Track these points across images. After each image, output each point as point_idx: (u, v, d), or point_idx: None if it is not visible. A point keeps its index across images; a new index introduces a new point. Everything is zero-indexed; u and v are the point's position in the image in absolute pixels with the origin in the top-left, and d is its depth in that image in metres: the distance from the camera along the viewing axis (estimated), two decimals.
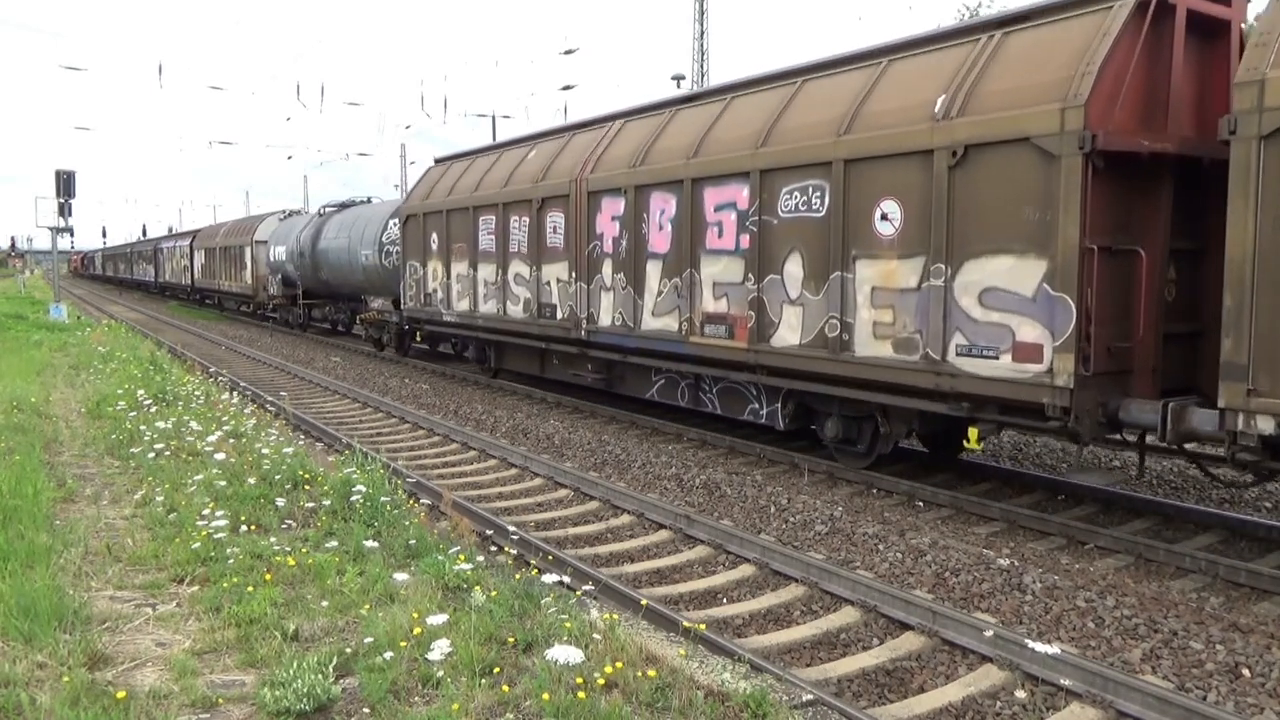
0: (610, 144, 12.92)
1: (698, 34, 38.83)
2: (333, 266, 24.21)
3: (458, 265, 16.51)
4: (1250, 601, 6.40)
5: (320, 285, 26.32)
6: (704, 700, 4.01)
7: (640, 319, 11.85)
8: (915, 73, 8.76)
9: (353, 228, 22.80)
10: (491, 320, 15.54)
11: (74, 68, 33.01)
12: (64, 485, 7.56)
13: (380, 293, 21.59)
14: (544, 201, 13.82)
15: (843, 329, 8.97)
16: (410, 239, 18.60)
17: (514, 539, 7.61)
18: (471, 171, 16.70)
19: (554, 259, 13.67)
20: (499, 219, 15.01)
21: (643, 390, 12.73)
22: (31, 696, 3.89)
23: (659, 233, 11.50)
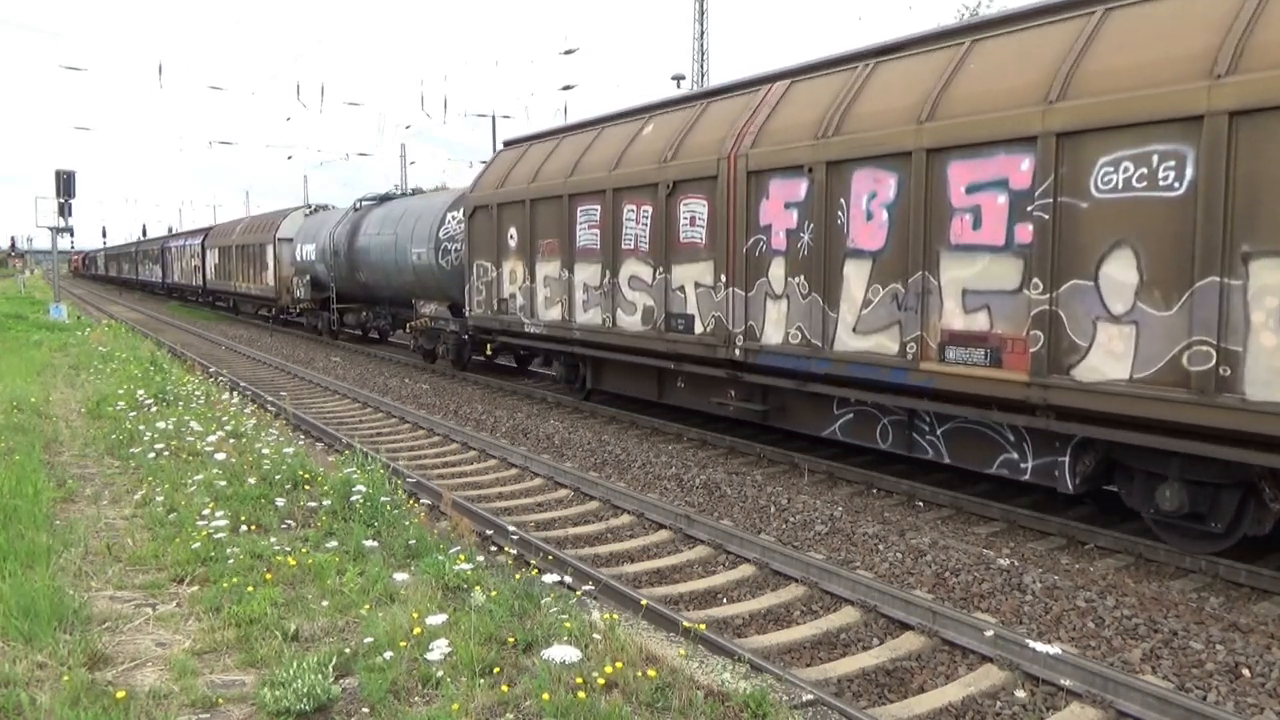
0: (775, 111, 10.12)
1: (698, 34, 38.84)
2: (373, 267, 21.45)
3: (545, 266, 13.87)
4: (1250, 601, 6.40)
5: (356, 288, 23.50)
6: (704, 700, 4.01)
7: (833, 336, 9.10)
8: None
9: (400, 223, 19.99)
10: (593, 332, 12.82)
11: (74, 68, 32.94)
12: (64, 485, 7.56)
13: (433, 297, 19.11)
14: (675, 186, 11.10)
15: (1220, 360, 6.23)
16: (478, 235, 15.85)
17: (514, 539, 7.61)
18: (561, 153, 13.96)
19: (690, 258, 10.98)
20: (606, 209, 12.29)
21: (819, 425, 10.09)
22: (31, 696, 3.89)
23: (866, 224, 8.74)
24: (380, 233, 20.97)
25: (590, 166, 12.85)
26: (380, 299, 23.06)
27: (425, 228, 18.64)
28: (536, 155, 14.69)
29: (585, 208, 12.88)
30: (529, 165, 14.67)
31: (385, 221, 21.02)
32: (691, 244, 11.00)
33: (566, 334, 13.47)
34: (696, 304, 10.96)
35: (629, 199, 12.00)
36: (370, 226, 21.82)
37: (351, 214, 23.72)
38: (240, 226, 36.00)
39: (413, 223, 19.35)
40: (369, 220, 22.15)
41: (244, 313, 37.54)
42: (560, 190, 13.37)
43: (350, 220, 23.38)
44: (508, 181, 15.07)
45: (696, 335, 10.90)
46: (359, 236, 22.31)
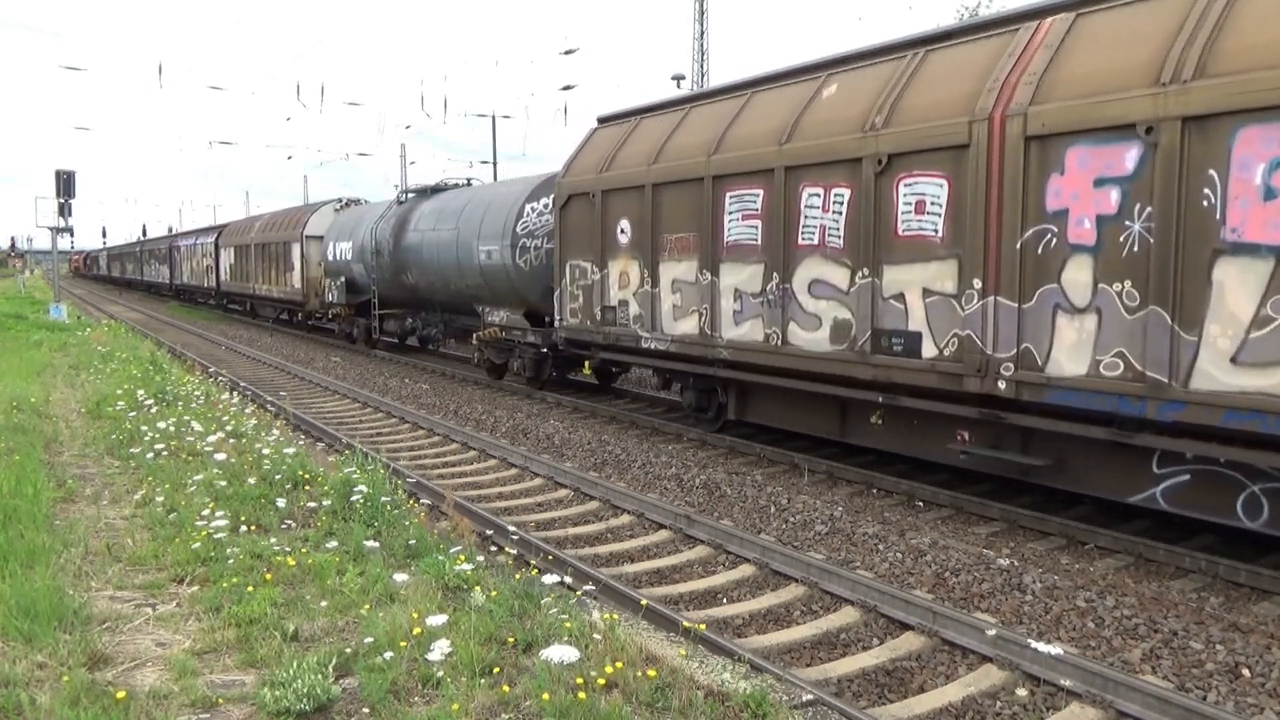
0: (1061, 52, 7.49)
1: (698, 34, 38.84)
2: (425, 267, 18.70)
3: (674, 266, 11.24)
4: (1250, 601, 6.40)
5: (402, 291, 20.53)
6: (704, 700, 4.01)
7: (1188, 369, 6.45)
8: None
9: (462, 216, 17.28)
10: (749, 351, 10.12)
11: (74, 68, 32.91)
12: (64, 485, 7.56)
13: (505, 303, 16.25)
14: (890, 161, 8.39)
15: None
16: (574, 229, 13.20)
17: (514, 539, 7.61)
18: (691, 127, 11.38)
19: (915, 256, 8.26)
20: (775, 194, 9.60)
21: (1124, 488, 7.40)
22: (31, 696, 3.89)
23: (1263, 205, 6.06)
24: (435, 228, 18.23)
25: (743, 140, 10.21)
26: (431, 304, 19.92)
27: (497, 222, 15.86)
28: (654, 131, 12.00)
29: (738, 193, 10.16)
30: (645, 143, 11.99)
31: (441, 215, 18.26)
32: (918, 238, 8.19)
33: (706, 352, 10.73)
34: (926, 318, 8.16)
35: (811, 180, 9.25)
36: (421, 221, 19.11)
37: (396, 207, 20.93)
38: (260, 223, 32.70)
39: (479, 216, 16.58)
40: (419, 214, 19.46)
41: (263, 317, 34.34)
42: (698, 171, 10.67)
43: (396, 215, 20.51)
44: (614, 164, 12.33)
45: (927, 360, 8.16)
46: (407, 233, 19.56)
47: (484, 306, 17.15)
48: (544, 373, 15.74)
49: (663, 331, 11.53)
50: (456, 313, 19.10)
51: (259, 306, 34.08)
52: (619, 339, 12.41)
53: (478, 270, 16.53)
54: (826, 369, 9.27)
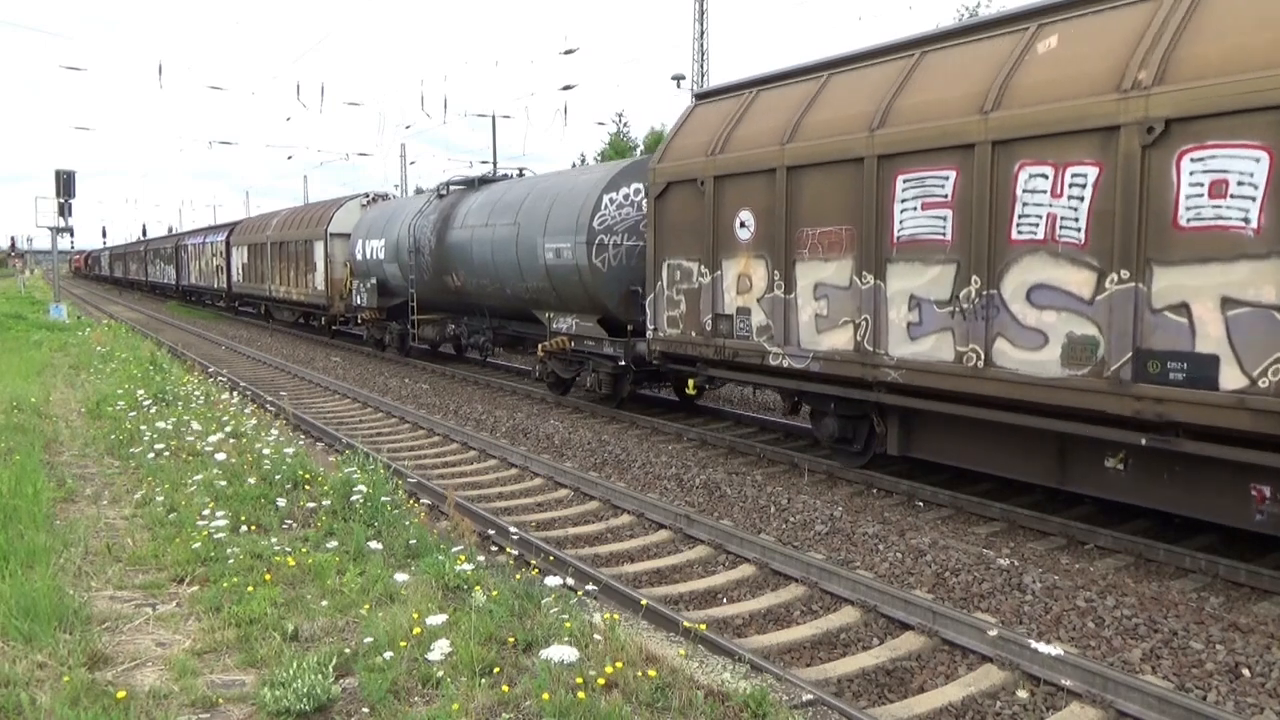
0: None
1: (698, 34, 38.85)
2: (474, 268, 16.60)
3: (817, 267, 9.25)
4: (1250, 601, 6.40)
5: (445, 295, 18.37)
6: (704, 700, 4.01)
7: None
8: None
9: (524, 210, 15.15)
10: (932, 372, 8.15)
11: (74, 68, 32.86)
12: (64, 485, 7.56)
13: (575, 308, 14.14)
14: (1168, 129, 6.52)
15: None
16: (672, 223, 11.19)
17: (514, 539, 7.61)
18: (833, 99, 9.39)
19: (1209, 254, 6.33)
20: (975, 175, 7.69)
21: None
22: (31, 696, 3.89)
23: None
24: (489, 223, 16.14)
25: (921, 111, 8.28)
26: (478, 309, 17.87)
27: (568, 215, 13.70)
28: (781, 104, 10.04)
29: (917, 175, 8.24)
30: (771, 118, 10.01)
31: (496, 209, 16.16)
32: (1214, 230, 6.28)
33: (864, 373, 8.79)
34: (1228, 337, 6.22)
35: (1032, 156, 7.38)
36: (470, 216, 17.02)
37: (437, 201, 18.90)
38: (277, 220, 30.25)
39: (545, 209, 14.48)
40: (467, 208, 17.34)
41: (279, 321, 31.92)
42: (855, 150, 8.72)
43: (438, 209, 18.47)
44: (729, 144, 10.38)
45: (1230, 393, 6.20)
46: (452, 229, 17.44)
47: (548, 313, 14.92)
48: (621, 389, 13.64)
49: (799, 346, 9.49)
50: (509, 318, 17.04)
51: (275, 309, 31.66)
52: (737, 354, 10.31)
53: (542, 271, 14.36)
54: (1054, 399, 7.24)
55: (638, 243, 13.06)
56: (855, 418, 9.69)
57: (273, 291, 29.77)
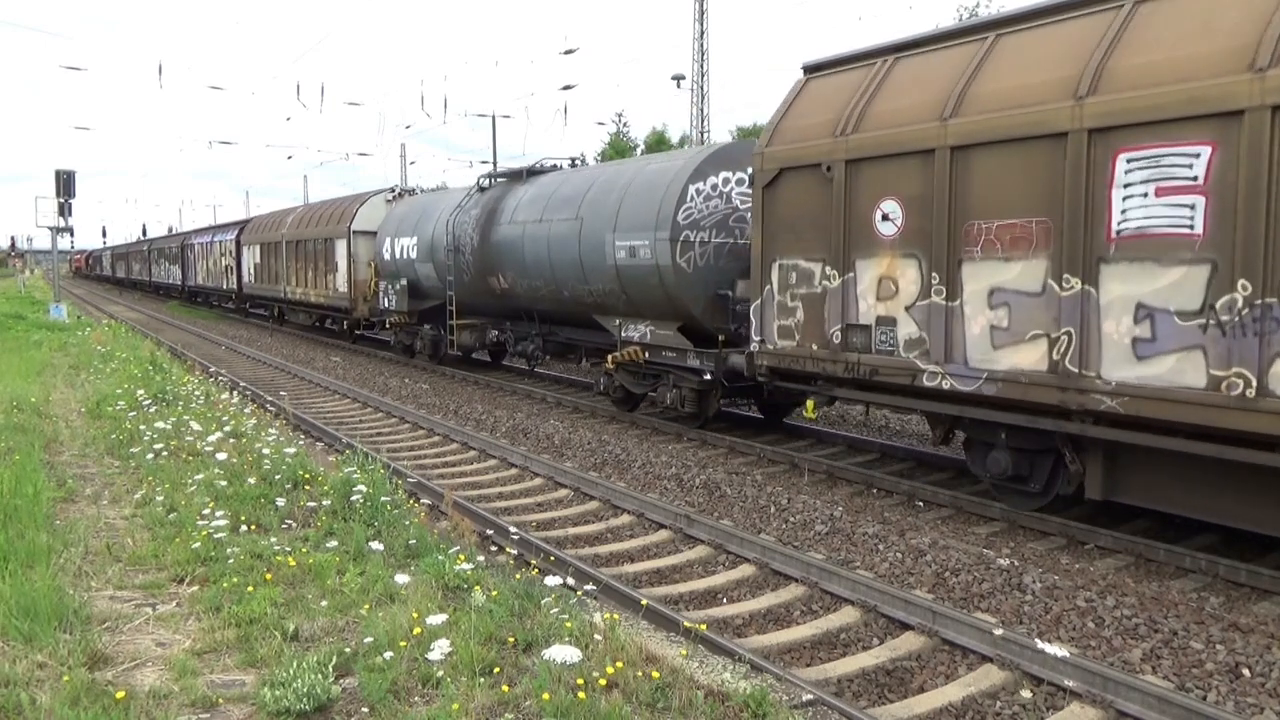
0: None
1: (698, 34, 38.84)
2: (528, 268, 14.84)
3: (993, 268, 7.66)
4: (1250, 601, 6.40)
5: (489, 298, 16.69)
6: (704, 700, 4.01)
7: None
8: None
9: (588, 203, 13.43)
10: (1173, 401, 6.52)
11: (74, 68, 32.83)
12: (64, 485, 7.56)
13: (651, 313, 12.48)
14: None
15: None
16: (787, 216, 9.48)
17: (514, 539, 7.61)
18: (1005, 64, 7.88)
19: None
20: (1240, 151, 6.17)
21: None
22: (31, 696, 3.89)
23: None
24: (543, 218, 14.45)
25: (1150, 72, 6.69)
26: (527, 313, 16.15)
27: (645, 209, 12.06)
28: (928, 74, 8.54)
29: (1149, 153, 6.65)
30: (919, 91, 8.48)
31: (552, 203, 14.43)
32: None
33: (1063, 399, 7.19)
34: None
35: None
36: (519, 210, 15.30)
37: (478, 195, 17.21)
38: (293, 218, 28.63)
39: (615, 202, 12.81)
40: (515, 201, 15.63)
41: (293, 324, 30.43)
42: (1057, 123, 7.15)
43: (480, 204, 16.75)
44: (863, 123, 8.73)
45: None
46: (498, 225, 15.73)
47: (616, 319, 13.17)
48: (708, 408, 12.03)
49: (965, 364, 7.89)
50: (563, 324, 15.35)
51: (290, 312, 29.96)
52: (875, 372, 8.59)
53: (611, 272, 12.67)
54: None
55: (726, 240, 11.64)
56: (1035, 451, 8.02)
57: (288, 293, 27.97)
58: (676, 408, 12.25)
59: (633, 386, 13.24)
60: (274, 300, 30.49)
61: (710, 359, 11.43)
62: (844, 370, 8.96)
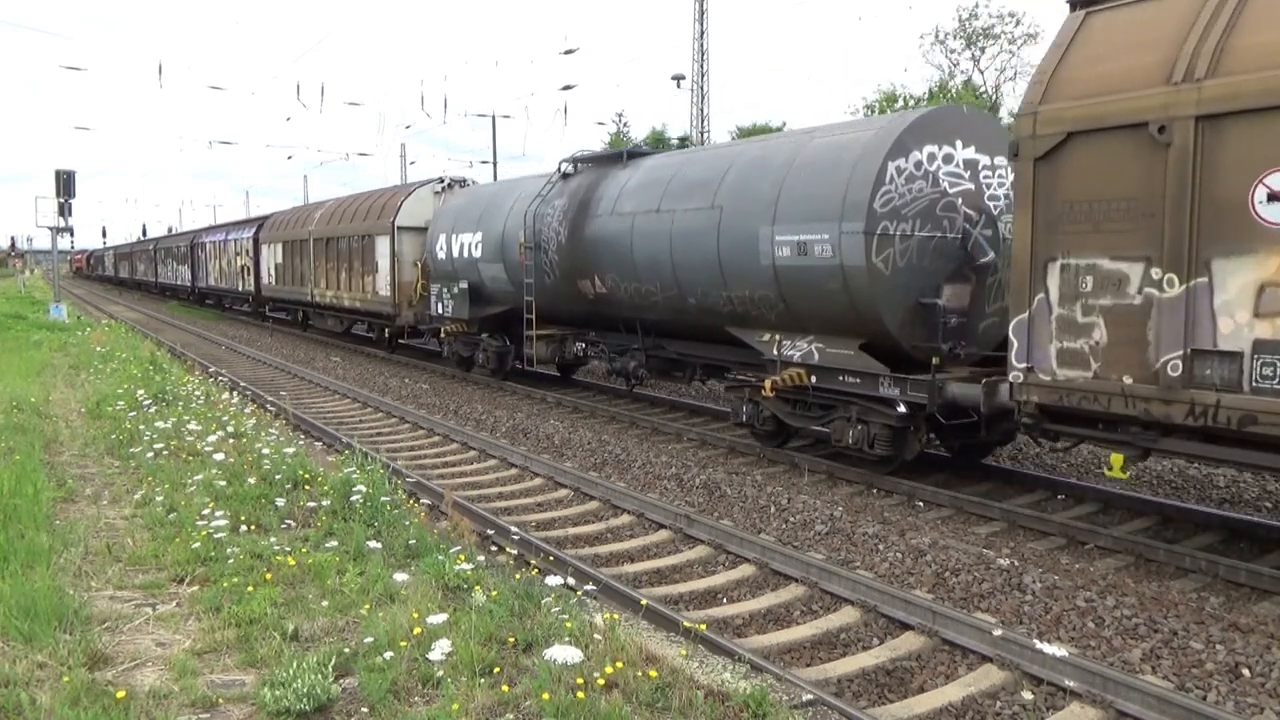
0: None
1: (698, 34, 38.84)
2: (638, 268, 12.21)
3: None
4: (1250, 601, 6.40)
5: (576, 304, 14.07)
6: (704, 700, 4.01)
7: None
8: None
9: (727, 187, 10.82)
10: None
11: (74, 68, 32.82)
12: (64, 485, 7.56)
13: (818, 326, 9.98)
14: None
15: None
16: (1073, 198, 6.97)
17: (514, 539, 7.61)
18: None
19: None
20: None
21: None
22: (31, 696, 3.89)
23: None
24: (661, 208, 11.76)
25: None
26: (628, 322, 13.30)
27: (824, 193, 9.50)
28: None
29: None
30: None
31: (673, 188, 11.73)
32: None
33: None
34: None
35: None
36: (624, 199, 12.63)
37: (561, 182, 14.59)
38: (322, 213, 25.81)
39: (772, 186, 10.14)
40: (616, 189, 12.97)
41: (323, 331, 27.47)
42: None
43: (568, 192, 14.09)
44: (1224, 62, 6.17)
45: None
46: (593, 218, 13.17)
47: (764, 333, 10.65)
48: (906, 449, 9.49)
49: None
50: (677, 337, 12.66)
51: (317, 317, 27.04)
52: (1253, 420, 6.03)
53: (766, 275, 10.09)
54: None
55: (933, 234, 9.24)
56: None
57: (316, 296, 25.21)
58: (861, 448, 9.54)
59: (790, 418, 10.42)
60: (298, 304, 28.02)
61: (916, 388, 8.90)
62: (1186, 415, 6.36)
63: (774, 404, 10.55)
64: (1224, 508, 8.51)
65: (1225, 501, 8.86)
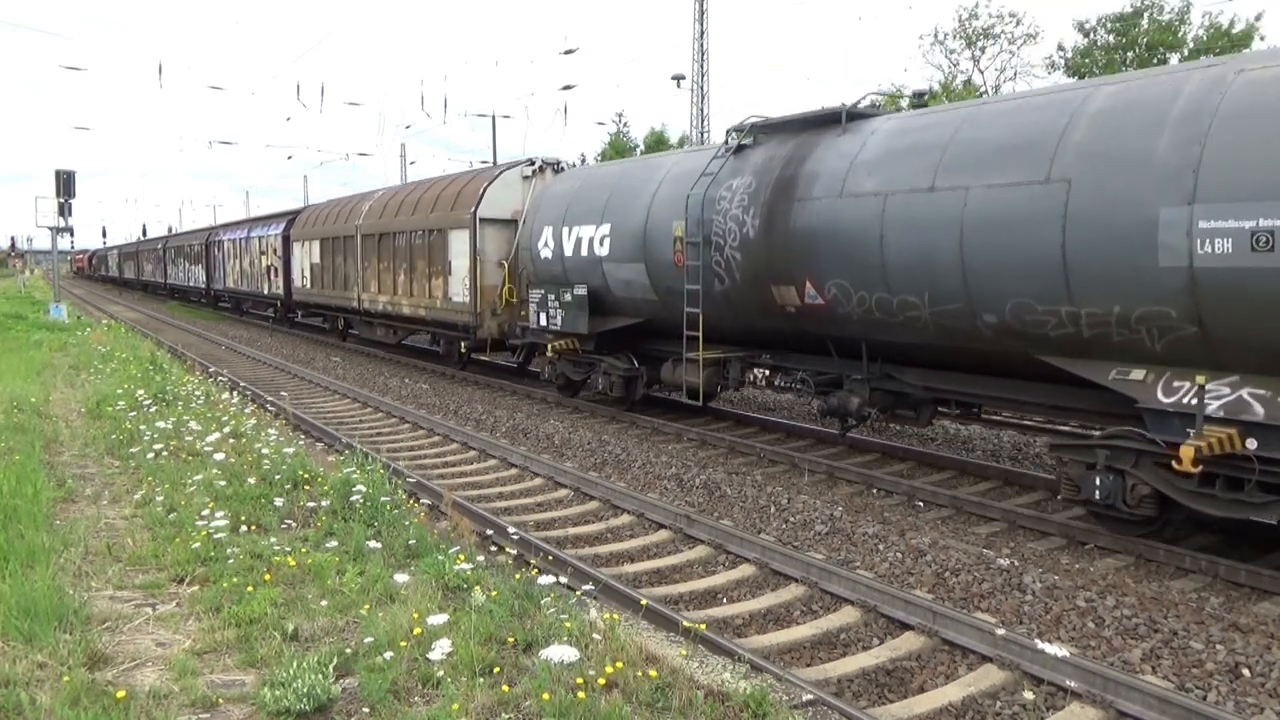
0: None
1: (698, 34, 38.84)
2: (892, 272, 8.75)
3: None
4: (1250, 601, 6.40)
5: (762, 317, 10.67)
6: (704, 700, 4.01)
7: None
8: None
9: (1082, 150, 7.32)
10: None
11: (74, 68, 32.83)
12: (64, 485, 7.56)
13: (1263, 364, 6.52)
14: None
15: None
16: None
17: (514, 539, 7.61)
18: None
19: None
20: None
21: None
22: (31, 696, 3.89)
23: None
24: (939, 184, 8.35)
25: None
26: (848, 344, 10.00)
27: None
28: None
29: None
30: None
31: (957, 155, 8.38)
32: None
33: None
34: None
35: None
36: (860, 175, 9.21)
37: (733, 159, 10.98)
38: (373, 205, 22.33)
39: (1189, 142, 6.68)
40: (837, 162, 9.56)
41: (363, 341, 24.01)
42: None
43: (751, 169, 10.60)
44: None
45: None
46: (802, 201, 9.67)
47: (1140, 369, 7.27)
48: None
49: None
50: (934, 365, 9.32)
51: (363, 325, 23.10)
52: None
53: (1174, 281, 6.73)
54: None
55: None
56: None
57: (364, 302, 21.91)
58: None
59: (1198, 503, 6.89)
60: (339, 310, 24.43)
61: None
62: None
63: (1163, 480, 7.04)
64: None
65: None
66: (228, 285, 35.72)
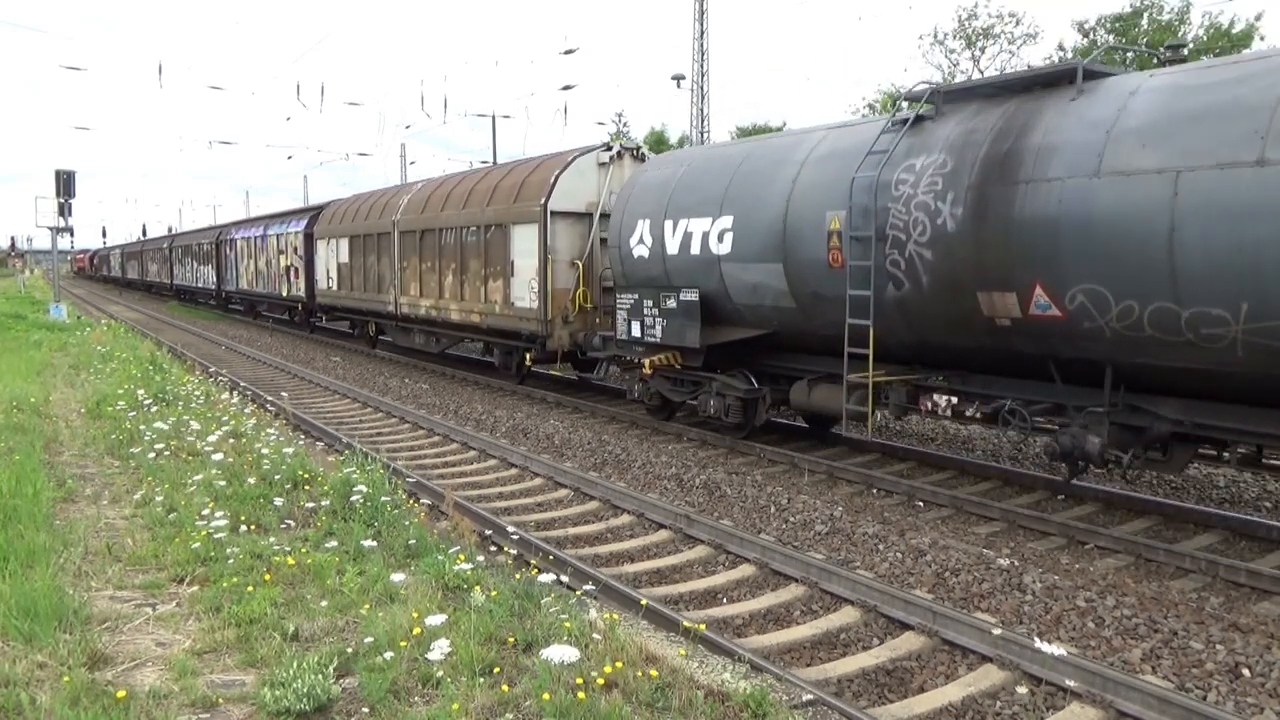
0: None
1: (698, 34, 38.83)
2: (1186, 279, 6.53)
3: None
4: (1250, 601, 6.40)
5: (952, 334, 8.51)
6: (704, 700, 4.01)
7: None
8: None
9: None
10: None
11: (74, 68, 32.82)
12: (64, 485, 7.56)
13: None
14: None
15: None
16: None
17: (514, 539, 7.61)
18: None
19: None
20: None
21: None
22: (31, 696, 3.89)
23: None
24: (1268, 157, 6.07)
25: None
26: (1081, 369, 7.81)
27: None
28: None
29: None
30: None
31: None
32: None
33: None
34: None
35: None
36: (1121, 148, 6.98)
37: (912, 133, 8.84)
38: (414, 197, 20.01)
39: None
40: (1086, 130, 7.32)
41: (399, 349, 22.29)
42: None
43: (944, 144, 8.42)
44: None
45: None
46: (1029, 184, 7.51)
47: None
48: None
49: None
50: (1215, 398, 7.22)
51: (399, 332, 20.96)
52: None
53: None
54: None
55: None
56: None
57: (403, 306, 19.80)
58: None
59: None
60: (371, 315, 22.27)
61: None
62: None
63: None
64: (1224, 507, 8.51)
65: (1225, 501, 8.85)
66: (241, 286, 33.51)
